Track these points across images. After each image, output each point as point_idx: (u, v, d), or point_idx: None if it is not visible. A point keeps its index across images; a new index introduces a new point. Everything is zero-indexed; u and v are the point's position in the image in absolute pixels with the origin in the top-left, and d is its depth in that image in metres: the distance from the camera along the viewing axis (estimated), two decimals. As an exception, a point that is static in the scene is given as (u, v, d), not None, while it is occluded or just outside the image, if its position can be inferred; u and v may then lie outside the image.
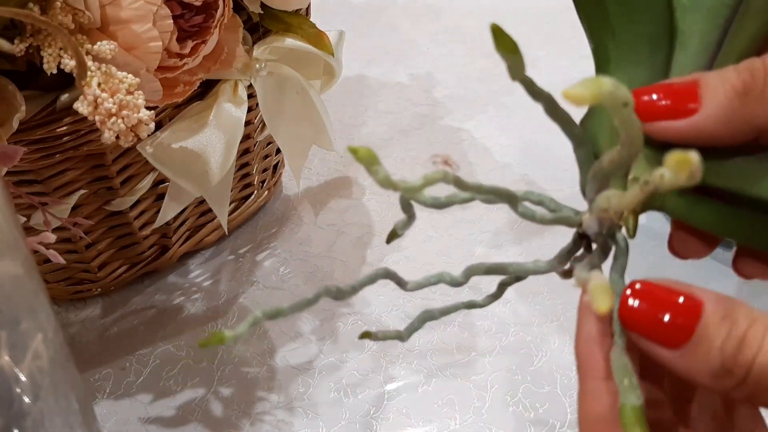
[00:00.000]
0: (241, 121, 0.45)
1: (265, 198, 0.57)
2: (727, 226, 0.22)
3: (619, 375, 0.20)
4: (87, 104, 0.33)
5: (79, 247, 0.47)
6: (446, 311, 0.25)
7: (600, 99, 0.18)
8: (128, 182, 0.45)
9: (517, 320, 0.49)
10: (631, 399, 0.19)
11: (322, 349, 0.48)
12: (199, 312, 0.51)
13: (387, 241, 0.26)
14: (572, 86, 0.18)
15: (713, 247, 0.24)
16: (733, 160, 0.22)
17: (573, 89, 0.18)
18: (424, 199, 0.22)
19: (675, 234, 0.25)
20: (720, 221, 0.22)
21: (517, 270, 0.24)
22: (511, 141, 0.63)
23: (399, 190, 0.20)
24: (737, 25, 0.23)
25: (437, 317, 0.25)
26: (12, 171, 0.40)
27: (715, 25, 0.24)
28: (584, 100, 0.18)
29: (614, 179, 0.22)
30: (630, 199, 0.20)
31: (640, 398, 0.19)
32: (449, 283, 0.25)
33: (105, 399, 0.46)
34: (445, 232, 0.55)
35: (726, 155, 0.22)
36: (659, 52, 0.24)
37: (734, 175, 0.22)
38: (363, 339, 0.26)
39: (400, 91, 0.69)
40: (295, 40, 0.47)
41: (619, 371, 0.20)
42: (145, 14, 0.35)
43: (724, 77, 0.21)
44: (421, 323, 0.26)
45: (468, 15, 0.78)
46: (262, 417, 0.45)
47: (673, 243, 0.25)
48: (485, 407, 0.44)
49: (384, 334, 0.26)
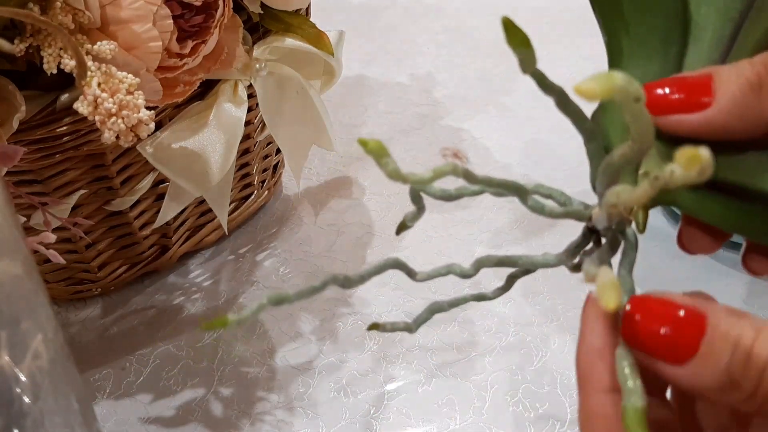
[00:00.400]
0: (241, 121, 0.45)
1: (265, 198, 0.57)
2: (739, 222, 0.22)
3: (623, 376, 0.20)
4: (87, 104, 0.33)
5: (79, 247, 0.47)
6: (455, 303, 0.25)
7: (612, 94, 0.18)
8: (128, 182, 0.45)
9: (517, 320, 0.49)
10: (634, 401, 0.19)
11: (322, 349, 0.48)
12: (199, 312, 0.51)
13: (397, 232, 0.26)
14: (584, 81, 0.18)
15: (722, 242, 0.24)
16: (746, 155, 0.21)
17: (585, 84, 0.18)
18: (433, 191, 0.22)
19: (684, 229, 0.24)
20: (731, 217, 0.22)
21: (527, 263, 0.24)
22: (511, 141, 0.63)
23: (408, 182, 0.20)
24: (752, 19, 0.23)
25: (446, 309, 0.25)
26: (12, 171, 0.40)
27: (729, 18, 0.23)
28: (596, 95, 0.18)
29: (624, 174, 0.22)
30: (640, 194, 0.20)
31: (644, 400, 0.19)
32: (459, 275, 0.25)
33: (105, 399, 0.46)
34: (445, 232, 0.55)
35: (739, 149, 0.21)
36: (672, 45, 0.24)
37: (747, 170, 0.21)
38: (371, 330, 0.26)
39: (400, 91, 0.69)
40: (295, 40, 0.47)
41: (624, 372, 0.20)
42: (145, 14, 0.35)
43: (739, 71, 0.21)
44: (430, 314, 0.25)
45: (468, 15, 0.78)
46: (262, 417, 0.45)
47: (683, 238, 0.24)
48: (485, 407, 0.44)
49: (392, 325, 0.26)
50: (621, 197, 0.21)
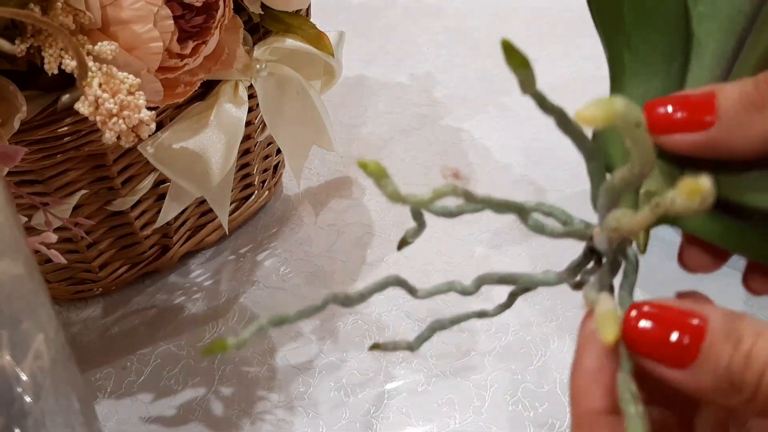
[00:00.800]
0: (242, 122, 0.45)
1: (265, 198, 0.58)
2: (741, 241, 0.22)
3: (626, 402, 0.19)
4: (88, 105, 0.33)
5: (81, 247, 0.47)
6: (457, 320, 0.25)
7: (613, 120, 0.18)
8: (129, 182, 0.45)
9: (517, 320, 0.49)
10: (637, 427, 0.19)
11: (323, 349, 0.48)
12: (200, 312, 0.51)
13: (398, 248, 0.26)
14: (585, 107, 0.18)
15: (724, 261, 0.24)
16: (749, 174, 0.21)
17: (586, 110, 0.18)
18: (434, 209, 0.22)
19: (686, 248, 0.24)
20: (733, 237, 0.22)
21: (527, 281, 0.24)
22: (511, 141, 0.63)
23: (408, 203, 0.21)
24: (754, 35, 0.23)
25: (447, 326, 0.25)
26: (13, 171, 0.40)
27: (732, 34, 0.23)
28: (597, 121, 0.18)
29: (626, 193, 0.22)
30: (640, 220, 0.20)
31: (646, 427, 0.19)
32: (460, 292, 0.24)
33: (106, 398, 0.46)
34: (445, 232, 0.55)
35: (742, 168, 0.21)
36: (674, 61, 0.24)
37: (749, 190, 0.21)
38: (373, 351, 0.26)
39: (400, 91, 0.69)
40: (296, 41, 0.47)
41: (626, 398, 0.19)
42: (146, 15, 0.35)
43: (742, 89, 0.21)
44: (431, 333, 0.25)
45: (468, 15, 0.78)
46: (263, 416, 0.45)
47: (683, 256, 0.24)
48: (485, 407, 0.44)
49: (394, 345, 0.26)
50: (621, 222, 0.21)
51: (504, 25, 0.76)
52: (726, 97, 0.21)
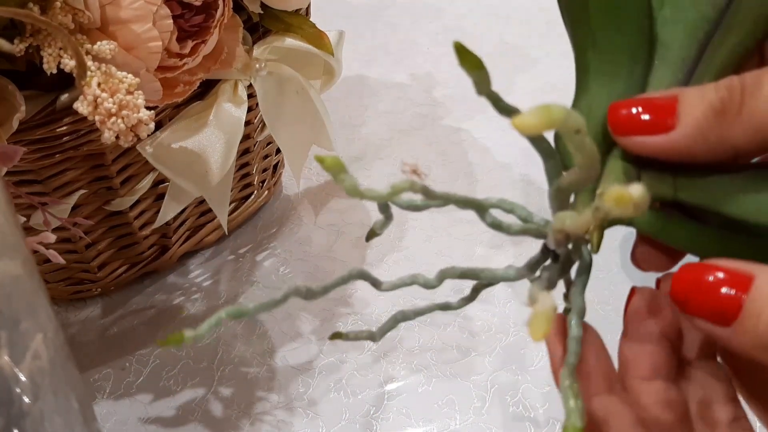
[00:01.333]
0: (241, 121, 0.45)
1: (265, 198, 0.57)
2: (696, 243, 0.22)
3: (566, 396, 0.20)
4: (87, 104, 0.33)
5: (79, 247, 0.47)
6: (420, 312, 0.26)
7: (551, 127, 0.18)
8: (128, 182, 0.45)
9: (517, 320, 0.49)
10: (575, 420, 0.19)
11: (322, 349, 0.48)
12: (199, 312, 0.51)
13: (366, 239, 0.26)
14: (522, 115, 0.18)
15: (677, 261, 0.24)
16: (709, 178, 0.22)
17: (522, 118, 0.18)
18: (400, 201, 0.23)
19: (639, 247, 0.24)
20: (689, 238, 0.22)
21: (489, 276, 0.24)
22: (511, 141, 0.62)
23: (366, 198, 0.21)
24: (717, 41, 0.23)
25: (411, 318, 0.25)
26: (12, 171, 0.40)
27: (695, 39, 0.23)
28: (534, 128, 0.18)
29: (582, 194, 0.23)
30: (583, 222, 0.21)
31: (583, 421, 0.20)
32: (423, 285, 0.25)
33: (105, 399, 0.46)
34: (445, 232, 0.55)
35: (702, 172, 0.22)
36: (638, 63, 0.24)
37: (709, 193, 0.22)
38: (334, 340, 0.26)
39: (400, 91, 0.69)
40: (295, 40, 0.47)
41: (566, 392, 0.20)
42: (145, 14, 0.35)
43: (703, 94, 0.21)
44: (394, 323, 0.26)
45: (468, 15, 0.78)
46: (262, 417, 0.45)
47: (637, 255, 0.24)
48: (485, 407, 0.44)
49: (355, 334, 0.26)
50: (566, 223, 0.21)
51: (504, 25, 0.76)
52: (687, 101, 0.21)
